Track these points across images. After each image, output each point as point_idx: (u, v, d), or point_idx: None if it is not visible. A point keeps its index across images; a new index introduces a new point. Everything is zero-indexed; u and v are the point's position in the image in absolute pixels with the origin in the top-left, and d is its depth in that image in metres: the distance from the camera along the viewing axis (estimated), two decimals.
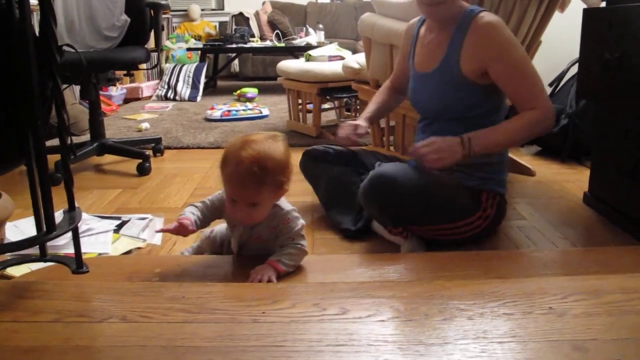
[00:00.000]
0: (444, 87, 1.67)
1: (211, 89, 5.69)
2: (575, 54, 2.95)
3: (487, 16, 1.61)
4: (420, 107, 1.83)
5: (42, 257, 1.34)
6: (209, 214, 1.47)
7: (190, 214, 1.42)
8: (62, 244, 1.73)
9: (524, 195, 2.27)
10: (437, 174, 1.62)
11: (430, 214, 1.62)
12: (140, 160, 2.69)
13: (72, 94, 3.89)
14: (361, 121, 1.90)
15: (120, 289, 1.20)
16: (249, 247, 1.48)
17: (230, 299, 1.15)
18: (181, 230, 1.37)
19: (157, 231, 1.64)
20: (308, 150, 2.06)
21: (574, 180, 2.50)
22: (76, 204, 1.29)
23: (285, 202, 1.45)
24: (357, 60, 3.01)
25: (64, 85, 1.40)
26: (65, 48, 1.32)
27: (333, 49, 3.84)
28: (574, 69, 2.91)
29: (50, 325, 1.04)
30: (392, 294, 1.15)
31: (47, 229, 1.18)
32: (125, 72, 3.37)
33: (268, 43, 5.68)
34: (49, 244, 1.36)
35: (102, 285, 1.24)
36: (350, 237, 1.81)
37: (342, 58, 3.52)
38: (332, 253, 1.71)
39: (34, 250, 1.38)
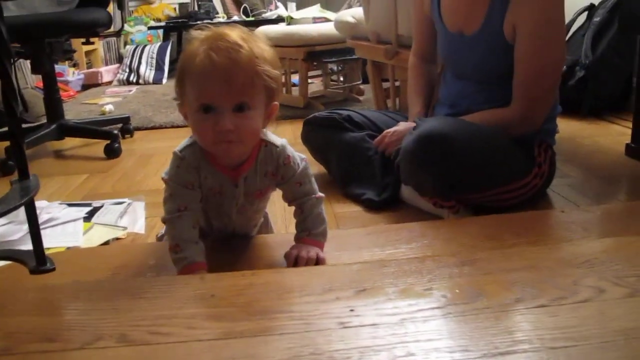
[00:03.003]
0: (488, 53, 1.45)
1: (176, 72, 5.23)
2: (582, 2, 2.73)
3: None
4: (454, 68, 1.59)
5: None
6: (196, 205, 1.04)
7: (192, 245, 0.98)
8: (16, 238, 1.31)
9: (558, 153, 1.98)
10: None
11: (488, 173, 1.37)
12: (108, 141, 2.30)
13: (23, 77, 3.41)
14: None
15: (109, 290, 0.76)
16: (248, 210, 1.11)
17: (289, 292, 0.72)
18: None
19: None
20: (309, 119, 1.78)
21: (604, 134, 2.27)
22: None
23: (273, 135, 1.08)
24: (351, 14, 2.67)
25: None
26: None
27: (316, 10, 3.46)
28: (582, 19, 2.81)
29: None
30: (526, 263, 0.75)
31: None
32: (83, 40, 2.90)
33: (236, 18, 5.25)
34: None
35: (79, 286, 0.80)
36: (375, 208, 1.52)
37: (328, 20, 3.22)
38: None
39: None
